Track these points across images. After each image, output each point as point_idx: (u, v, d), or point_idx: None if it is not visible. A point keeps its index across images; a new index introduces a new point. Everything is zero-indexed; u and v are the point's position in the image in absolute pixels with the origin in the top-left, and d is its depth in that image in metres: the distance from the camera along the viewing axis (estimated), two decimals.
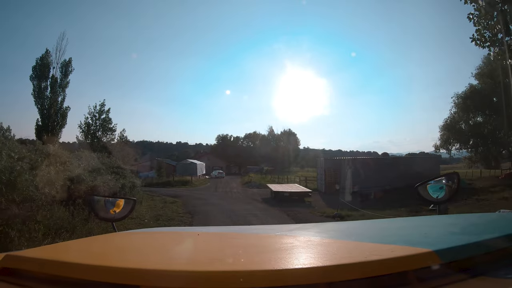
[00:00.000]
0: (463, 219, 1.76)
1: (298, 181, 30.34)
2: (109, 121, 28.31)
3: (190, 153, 74.85)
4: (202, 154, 69.39)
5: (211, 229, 2.29)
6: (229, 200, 19.02)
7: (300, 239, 1.24)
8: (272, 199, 18.57)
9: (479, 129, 28.08)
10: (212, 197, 20.68)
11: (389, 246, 1.00)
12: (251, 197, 21.04)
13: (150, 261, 0.97)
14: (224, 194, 23.86)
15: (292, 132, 66.25)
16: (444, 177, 1.88)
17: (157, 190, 23.50)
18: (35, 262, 0.93)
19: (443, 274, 0.86)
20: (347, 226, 1.77)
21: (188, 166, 44.99)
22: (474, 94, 26.97)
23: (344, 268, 0.80)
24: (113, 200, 1.84)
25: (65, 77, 23.03)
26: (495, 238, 1.06)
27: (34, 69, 21.92)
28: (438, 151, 32.08)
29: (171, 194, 20.66)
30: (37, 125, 21.51)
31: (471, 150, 30.98)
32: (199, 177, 39.24)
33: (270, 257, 0.96)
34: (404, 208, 13.02)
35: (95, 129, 27.70)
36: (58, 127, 21.85)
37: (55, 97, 21.66)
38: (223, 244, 1.28)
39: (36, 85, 21.66)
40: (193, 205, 15.41)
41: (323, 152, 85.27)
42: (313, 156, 66.04)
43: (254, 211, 13.87)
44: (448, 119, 30.32)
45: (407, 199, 13.00)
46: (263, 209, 14.96)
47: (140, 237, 1.51)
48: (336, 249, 1.06)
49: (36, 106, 21.29)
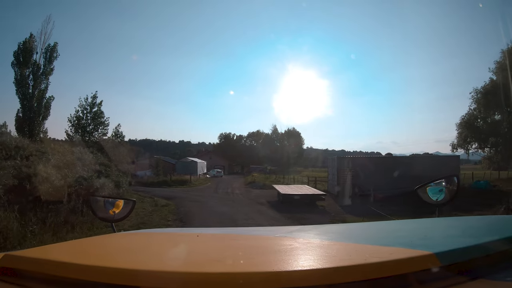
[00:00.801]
0: (462, 222, 1.76)
1: (306, 181, 27.64)
2: (100, 114, 25.81)
3: (193, 151, 73.43)
4: (204, 152, 67.79)
5: (211, 230, 2.26)
6: (229, 204, 16.55)
7: (299, 241, 1.23)
8: (280, 203, 16.44)
9: (499, 126, 26.39)
10: (211, 200, 18.24)
11: (388, 248, 1.01)
12: (255, 199, 18.50)
13: (150, 262, 0.98)
14: (224, 195, 21.45)
15: (296, 131, 64.41)
16: (444, 179, 1.87)
17: (151, 191, 21.45)
18: (34, 262, 0.93)
19: (443, 276, 0.87)
20: (346, 228, 1.77)
21: (188, 165, 43.26)
22: (496, 88, 24.69)
23: (344, 271, 0.80)
24: (113, 200, 1.84)
25: (49, 63, 20.55)
26: (494, 240, 1.07)
27: (15, 55, 19.64)
28: (456, 151, 30.07)
29: (166, 195, 18.72)
30: (17, 116, 19.20)
31: (490, 150, 29.21)
32: (199, 176, 36.76)
33: (269, 259, 0.98)
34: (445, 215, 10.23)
35: (86, 123, 25.21)
36: (41, 119, 19.35)
37: (37, 85, 19.15)
38: (223, 246, 1.28)
39: (17, 72, 19.35)
40: (187, 210, 13.86)
41: (326, 152, 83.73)
42: (315, 156, 66.48)
43: (259, 220, 11.57)
44: (465, 116, 28.66)
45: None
46: (271, 217, 12.65)
47: (140, 238, 1.50)
48: (336, 251, 1.07)
49: (17, 95, 19.00)
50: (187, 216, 11.99)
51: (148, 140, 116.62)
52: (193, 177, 32.85)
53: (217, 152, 67.24)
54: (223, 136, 74.87)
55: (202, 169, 45.78)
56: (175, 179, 31.01)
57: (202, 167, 46.99)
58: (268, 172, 46.38)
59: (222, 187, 28.01)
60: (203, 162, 49.35)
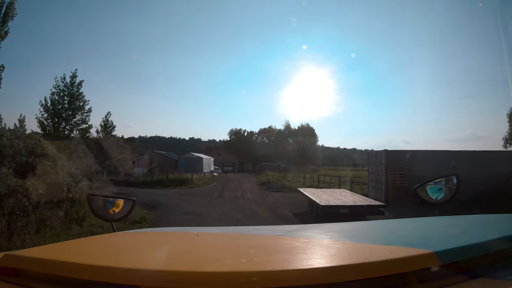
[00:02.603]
0: (462, 221, 1.72)
1: (334, 183, 21.80)
2: (78, 97, 20.38)
3: (202, 148, 68.22)
4: (212, 148, 61.95)
5: (211, 229, 2.29)
6: (240, 218, 10.38)
7: (300, 240, 1.21)
8: (314, 217, 10.78)
9: None
10: (213, 209, 12.34)
11: (388, 247, 1.01)
12: (275, 210, 12.61)
13: (150, 261, 0.98)
14: (232, 202, 15.37)
15: (309, 127, 59.95)
16: (443, 178, 1.89)
17: (137, 193, 15.78)
18: (35, 262, 0.92)
19: (443, 275, 0.87)
20: (347, 227, 1.71)
21: (192, 161, 36.92)
22: None
23: (344, 269, 0.80)
24: (113, 200, 1.81)
25: (2, 24, 14.86)
26: (494, 239, 1.06)
27: None
28: (510, 146, 24.25)
29: (152, 201, 13.46)
30: None
31: None
32: (204, 175, 30.89)
33: (270, 258, 0.97)
34: None
35: (62, 109, 19.90)
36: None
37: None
38: (223, 245, 1.27)
39: None
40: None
41: (338, 150, 78.42)
42: (328, 154, 62.56)
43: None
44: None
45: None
46: None
47: (140, 237, 1.48)
48: (336, 250, 1.05)
49: None
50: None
51: (158, 137, 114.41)
52: (195, 176, 27.45)
53: (226, 148, 62.39)
54: (233, 132, 70.21)
55: (208, 166, 39.51)
56: (173, 177, 25.29)
57: (209, 164, 40.61)
58: (281, 170, 41.30)
59: (230, 188, 22.27)
60: (209, 158, 42.75)
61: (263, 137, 68.77)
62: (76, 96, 19.93)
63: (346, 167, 44.51)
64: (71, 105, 20.09)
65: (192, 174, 26.58)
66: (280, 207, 13.46)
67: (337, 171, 34.06)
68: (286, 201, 15.22)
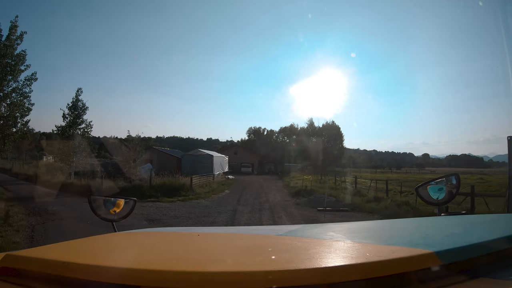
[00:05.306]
0: (463, 220, 1.70)
1: (394, 189, 13.78)
2: (8, 51, 12.30)
3: (218, 148, 60.15)
4: (228, 146, 53.85)
5: (212, 229, 2.19)
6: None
7: (301, 240, 1.18)
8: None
9: None
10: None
11: (389, 247, 0.98)
12: None
13: (151, 261, 0.95)
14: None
15: (335, 125, 53.92)
16: (444, 178, 1.83)
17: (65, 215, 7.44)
18: (35, 262, 0.90)
19: (444, 275, 0.85)
20: (347, 227, 1.67)
21: (200, 160, 27.11)
22: None
23: (345, 269, 0.79)
24: (114, 200, 1.77)
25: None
26: (495, 239, 1.03)
27: None
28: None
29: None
30: None
31: None
32: (213, 178, 22.41)
33: (272, 258, 0.94)
34: None
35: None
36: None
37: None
38: (224, 245, 1.23)
39: None
40: None
41: (358, 152, 74.98)
42: (351, 155, 58.63)
43: None
44: None
45: None
46: None
47: (140, 237, 1.43)
48: (337, 250, 1.02)
49: None
50: None
51: (175, 138, 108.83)
52: (199, 180, 18.98)
53: (244, 147, 55.16)
54: (252, 130, 63.89)
55: (221, 167, 30.27)
56: (160, 182, 15.90)
57: (222, 164, 31.17)
58: (307, 172, 34.63)
59: (249, 202, 14.07)
60: (222, 157, 33.27)
61: (283, 136, 62.11)
62: (4, 49, 12.02)
63: (378, 169, 38.14)
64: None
65: (191, 178, 17.28)
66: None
67: (376, 174, 29.42)
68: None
